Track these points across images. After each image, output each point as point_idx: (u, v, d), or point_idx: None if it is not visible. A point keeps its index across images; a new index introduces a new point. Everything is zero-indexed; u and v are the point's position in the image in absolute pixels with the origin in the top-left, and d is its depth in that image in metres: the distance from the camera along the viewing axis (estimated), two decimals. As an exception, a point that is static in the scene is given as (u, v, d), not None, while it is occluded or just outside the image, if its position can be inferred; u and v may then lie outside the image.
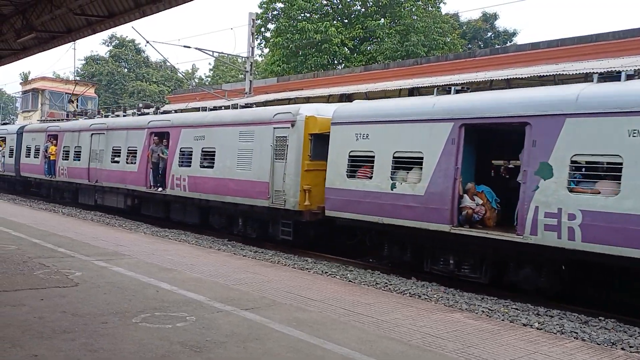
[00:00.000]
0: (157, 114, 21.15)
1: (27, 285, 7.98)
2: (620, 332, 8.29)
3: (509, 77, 13.06)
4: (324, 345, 5.90)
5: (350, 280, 10.92)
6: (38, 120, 37.82)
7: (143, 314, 6.72)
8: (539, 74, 12.38)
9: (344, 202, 12.48)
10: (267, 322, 6.69)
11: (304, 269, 11.78)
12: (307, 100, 17.83)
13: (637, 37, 17.46)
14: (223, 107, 18.96)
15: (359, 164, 12.31)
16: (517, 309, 9.38)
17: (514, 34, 47.98)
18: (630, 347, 7.42)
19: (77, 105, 37.29)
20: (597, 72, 10.10)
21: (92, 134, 22.44)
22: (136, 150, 19.69)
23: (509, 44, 42.68)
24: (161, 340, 5.77)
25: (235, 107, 18.34)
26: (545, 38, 45.42)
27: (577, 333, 7.98)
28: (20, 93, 51.76)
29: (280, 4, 38.24)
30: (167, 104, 37.69)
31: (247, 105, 18.12)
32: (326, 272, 11.74)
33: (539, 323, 8.43)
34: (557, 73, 12.12)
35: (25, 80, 57.58)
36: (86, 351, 5.37)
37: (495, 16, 47.30)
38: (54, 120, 31.42)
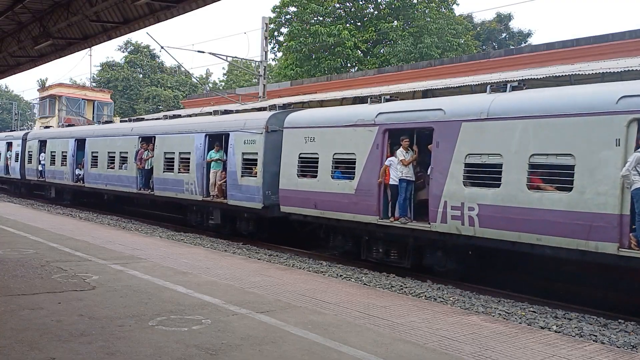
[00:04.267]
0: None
1: (45, 289, 8.06)
2: (640, 335, 8.16)
3: (524, 78, 12.94)
4: (339, 348, 5.88)
5: (365, 284, 10.89)
6: (59, 125, 38.02)
7: (159, 317, 6.75)
8: (554, 74, 12.25)
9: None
10: (282, 325, 6.68)
11: (319, 272, 11.77)
12: (321, 103, 17.82)
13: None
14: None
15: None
16: (534, 312, 9.29)
17: (528, 34, 47.56)
18: (651, 350, 7.30)
19: (93, 110, 37.80)
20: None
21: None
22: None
23: (523, 44, 42.32)
24: (177, 344, 5.79)
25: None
26: (560, 38, 45.08)
27: (596, 336, 7.87)
28: (38, 99, 52.51)
29: (293, 7, 38.34)
30: (181, 108, 37.96)
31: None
32: (341, 275, 11.73)
33: (557, 326, 8.33)
34: (573, 73, 11.98)
35: (42, 86, 58.40)
36: (103, 354, 5.40)
37: (509, 17, 46.94)
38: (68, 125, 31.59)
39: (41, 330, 6.06)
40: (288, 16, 39.40)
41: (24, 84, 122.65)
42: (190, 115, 22.23)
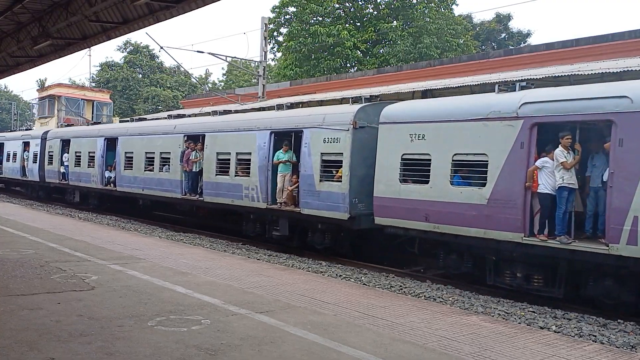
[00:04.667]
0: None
1: (45, 289, 8.06)
2: (639, 335, 8.17)
3: (523, 78, 12.94)
4: (339, 349, 5.88)
5: (364, 284, 10.89)
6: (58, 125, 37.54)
7: (158, 317, 6.75)
8: (553, 75, 12.24)
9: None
10: (281, 325, 6.68)
11: (318, 273, 11.77)
12: (320, 103, 17.77)
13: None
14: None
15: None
16: (533, 312, 9.29)
17: (528, 34, 47.56)
18: (651, 350, 7.30)
19: (92, 111, 37.38)
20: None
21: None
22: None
23: (523, 44, 42.32)
24: (176, 344, 5.79)
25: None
26: (560, 38, 45.10)
27: (595, 336, 7.87)
28: (37, 99, 52.48)
29: (293, 8, 38.34)
30: (180, 108, 37.97)
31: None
32: (340, 276, 11.73)
33: (556, 326, 8.33)
34: (572, 73, 11.97)
35: (41, 86, 58.39)
36: (103, 354, 5.40)
37: (508, 17, 46.95)
38: (68, 125, 31.21)
39: (40, 330, 6.06)
40: (287, 16, 39.39)
41: (23, 84, 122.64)
42: (245, 111, 19.56)
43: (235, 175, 15.96)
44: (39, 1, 14.95)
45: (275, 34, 40.44)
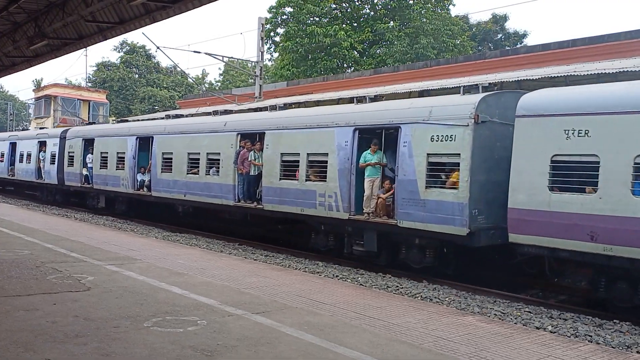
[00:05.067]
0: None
1: (40, 290, 8.03)
2: (635, 335, 8.20)
3: (519, 79, 12.98)
4: (335, 349, 5.88)
5: (361, 284, 10.89)
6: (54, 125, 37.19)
7: (154, 318, 6.74)
8: (550, 75, 12.28)
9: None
10: (278, 325, 6.67)
11: (315, 273, 11.77)
12: (317, 103, 17.77)
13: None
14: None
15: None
16: (529, 312, 9.31)
17: (524, 35, 47.63)
18: (646, 350, 7.32)
19: (89, 111, 37.02)
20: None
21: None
22: None
23: (519, 45, 42.41)
24: (173, 345, 5.78)
25: None
26: (557, 39, 45.19)
27: (591, 336, 7.90)
28: (33, 99, 52.35)
29: (290, 8, 38.35)
30: (177, 108, 37.92)
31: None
32: (337, 276, 11.72)
33: (552, 326, 8.35)
34: (569, 74, 12.02)
35: (37, 87, 58.28)
36: (98, 355, 5.39)
37: (505, 17, 47.00)
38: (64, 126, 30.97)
39: (36, 331, 6.04)
40: (284, 17, 39.39)
41: (19, 84, 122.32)
42: (306, 105, 16.90)
43: (307, 180, 13.76)
44: (35, 1, 14.90)
45: (272, 34, 40.45)
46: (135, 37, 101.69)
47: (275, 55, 43.85)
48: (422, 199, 11.30)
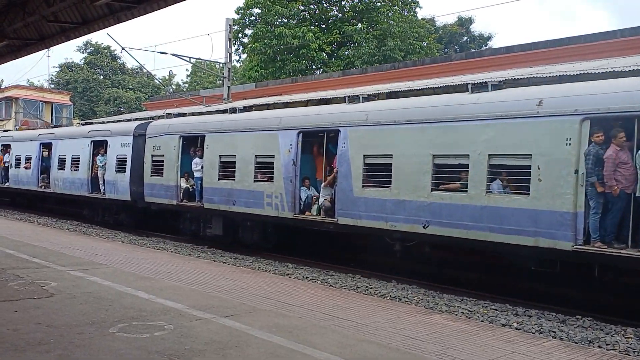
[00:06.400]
0: None
1: (1, 297, 7.81)
2: (597, 330, 8.42)
3: (484, 81, 13.19)
4: (304, 351, 5.88)
5: (331, 285, 10.91)
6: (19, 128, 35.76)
7: (120, 324, 6.63)
8: (513, 77, 12.52)
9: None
10: (246, 328, 6.64)
11: (285, 275, 11.75)
12: (286, 105, 17.73)
13: (606, 40, 17.86)
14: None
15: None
16: (496, 310, 9.47)
17: (489, 37, 48.54)
18: (607, 344, 7.53)
19: (52, 113, 35.94)
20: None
21: None
22: None
23: (484, 47, 43.17)
24: (139, 350, 5.69)
25: None
26: (520, 41, 46.14)
27: (555, 332, 8.07)
28: (-7, 101, 50.84)
29: (258, 9, 38.22)
30: (143, 110, 37.38)
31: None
32: (307, 277, 11.72)
33: (517, 323, 8.51)
34: (531, 76, 12.27)
35: (-2, 88, 56.56)
36: (62, 363, 5.27)
37: (470, 20, 47.82)
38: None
39: (-4, 340, 5.87)
40: (252, 18, 39.23)
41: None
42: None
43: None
44: (-6, 0, 14.48)
45: (240, 35, 40.21)
46: (99, 37, 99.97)
47: (244, 56, 43.64)
48: None
